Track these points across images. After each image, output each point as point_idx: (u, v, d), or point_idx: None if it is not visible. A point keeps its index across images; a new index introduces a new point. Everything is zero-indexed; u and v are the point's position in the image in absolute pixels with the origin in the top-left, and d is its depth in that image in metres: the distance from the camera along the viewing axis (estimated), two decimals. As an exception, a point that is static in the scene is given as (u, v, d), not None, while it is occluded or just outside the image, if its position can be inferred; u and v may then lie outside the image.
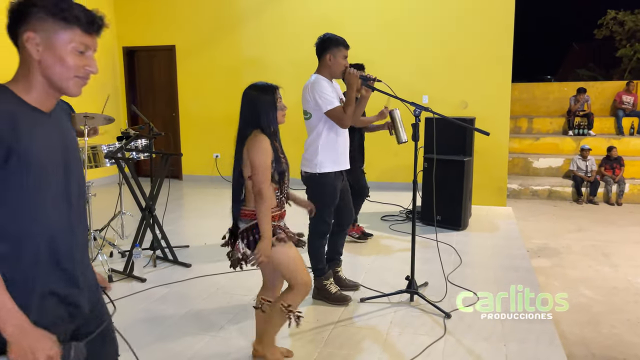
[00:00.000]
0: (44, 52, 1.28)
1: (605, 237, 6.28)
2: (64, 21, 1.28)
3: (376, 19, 7.55)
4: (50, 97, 1.34)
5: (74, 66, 1.31)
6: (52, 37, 1.28)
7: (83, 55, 1.33)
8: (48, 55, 1.28)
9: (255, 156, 2.36)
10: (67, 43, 1.29)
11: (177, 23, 8.49)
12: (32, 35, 1.27)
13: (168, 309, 3.53)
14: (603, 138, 9.92)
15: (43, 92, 1.32)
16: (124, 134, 4.93)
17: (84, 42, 1.32)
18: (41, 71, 1.30)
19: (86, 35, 1.32)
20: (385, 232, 5.45)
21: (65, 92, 1.34)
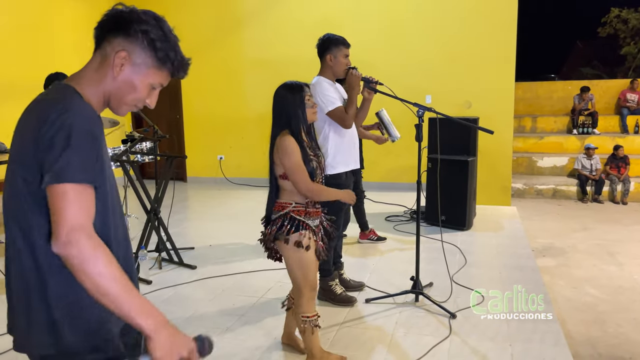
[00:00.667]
0: (125, 72, 1.28)
1: (610, 236, 6.26)
2: (160, 61, 1.29)
3: (378, 19, 7.56)
4: (102, 107, 1.34)
5: (141, 97, 1.32)
6: (141, 66, 1.28)
7: (153, 90, 1.35)
8: (126, 78, 1.28)
9: (284, 158, 2.39)
10: (149, 78, 1.30)
11: (180, 26, 8.41)
12: (125, 55, 1.26)
13: (174, 311, 3.54)
14: (607, 136, 9.89)
15: (101, 101, 1.31)
16: (128, 136, 4.95)
17: (162, 82, 1.34)
18: (112, 86, 1.29)
19: (169, 78, 1.34)
20: (389, 232, 5.45)
21: (115, 112, 1.35)
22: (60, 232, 1.11)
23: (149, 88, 1.32)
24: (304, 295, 2.53)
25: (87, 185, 1.17)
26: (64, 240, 1.11)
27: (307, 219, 2.50)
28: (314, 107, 2.54)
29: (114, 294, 1.12)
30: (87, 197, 1.16)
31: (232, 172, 8.45)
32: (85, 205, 1.16)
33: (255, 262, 4.44)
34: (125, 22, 1.27)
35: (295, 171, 2.39)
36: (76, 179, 1.14)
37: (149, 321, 1.15)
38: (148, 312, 1.16)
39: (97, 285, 1.11)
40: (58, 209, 1.13)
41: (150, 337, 1.15)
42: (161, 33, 1.28)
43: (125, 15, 1.27)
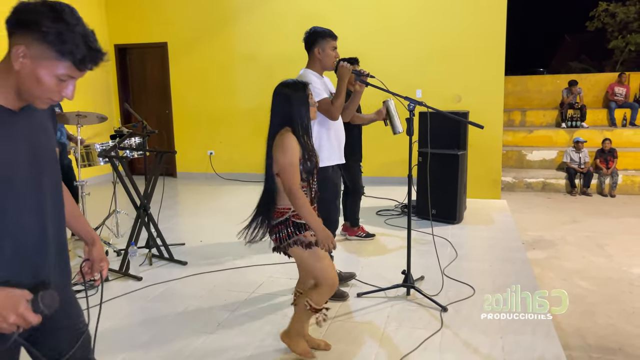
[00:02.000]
0: (26, 65, 1.26)
1: (599, 228, 6.31)
2: (58, 53, 1.26)
3: (368, 13, 7.53)
4: (20, 101, 1.33)
5: (49, 89, 1.29)
6: (40, 59, 1.26)
7: (64, 82, 1.31)
8: (29, 71, 1.26)
9: (281, 155, 2.38)
10: (52, 71, 1.27)
11: (169, 20, 8.44)
12: (22, 50, 1.25)
13: (165, 307, 3.53)
14: (596, 130, 9.97)
15: (13, 95, 1.31)
16: (117, 132, 4.91)
17: (70, 74, 1.30)
18: (17, 80, 1.28)
19: (76, 71, 1.30)
20: (380, 226, 5.46)
21: (35, 106, 1.34)
22: None
23: (55, 80, 1.29)
24: (321, 288, 2.55)
25: None
26: None
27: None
28: (314, 106, 2.55)
29: None
30: None
31: (223, 168, 8.41)
32: None
33: (246, 257, 4.43)
34: (23, 15, 1.26)
35: (287, 169, 2.38)
36: None
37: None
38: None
39: None
40: None
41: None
42: (57, 25, 1.25)
43: (24, 9, 1.26)
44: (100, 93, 8.56)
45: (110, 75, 8.88)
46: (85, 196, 4.62)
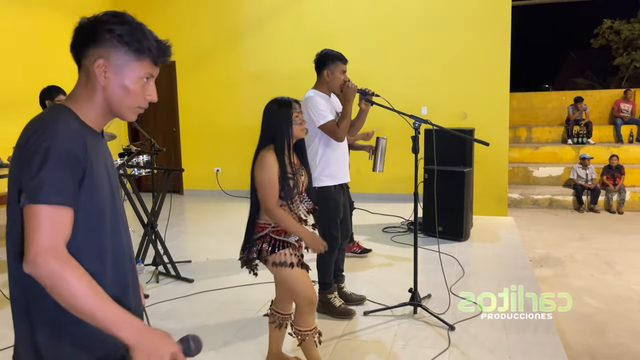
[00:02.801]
0: (111, 78, 1.27)
1: (607, 246, 6.27)
2: (137, 52, 1.28)
3: (374, 32, 7.61)
4: (106, 119, 1.34)
5: (138, 96, 1.31)
6: (122, 66, 1.27)
7: (146, 84, 1.33)
8: (114, 82, 1.27)
9: (257, 173, 2.39)
10: (136, 72, 1.29)
11: (177, 40, 8.47)
12: (102, 62, 1.26)
13: (171, 325, 3.52)
14: (602, 146, 9.95)
15: (102, 114, 1.32)
16: (125, 150, 4.95)
17: (150, 73, 1.32)
18: (104, 96, 1.29)
19: (155, 67, 1.32)
20: (387, 244, 5.45)
21: (122, 118, 1.35)
22: (29, 253, 1.12)
23: (140, 83, 1.31)
24: (301, 308, 2.52)
25: (62, 207, 1.16)
26: (32, 261, 1.11)
27: (287, 237, 2.48)
28: (302, 124, 2.50)
29: (89, 310, 1.13)
30: (60, 219, 1.16)
31: (229, 185, 8.44)
32: (57, 227, 1.15)
33: (252, 275, 4.42)
34: (90, 31, 1.27)
35: (263, 187, 2.38)
36: (50, 200, 1.14)
37: (127, 332, 1.15)
38: (124, 323, 1.16)
39: (71, 304, 1.12)
40: (29, 230, 1.13)
41: (131, 346, 1.16)
42: (126, 27, 1.27)
43: (87, 25, 1.28)
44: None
45: (119, 93, 8.97)
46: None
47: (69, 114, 1.25)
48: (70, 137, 1.20)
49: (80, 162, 1.20)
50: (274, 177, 2.37)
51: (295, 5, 7.94)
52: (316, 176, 3.36)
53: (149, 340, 1.17)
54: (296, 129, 2.47)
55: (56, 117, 1.23)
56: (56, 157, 1.15)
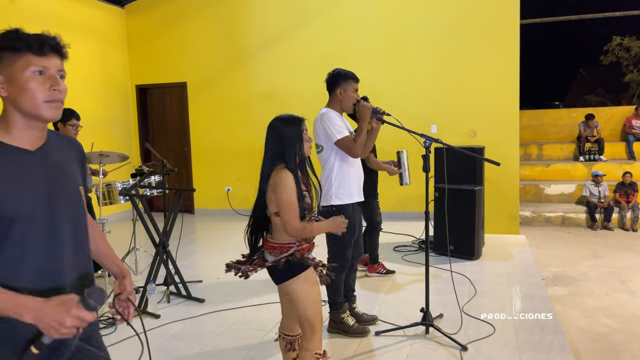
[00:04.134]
0: (8, 87, 1.33)
1: (621, 264, 6.18)
2: (16, 51, 1.32)
3: (384, 51, 7.68)
4: (34, 129, 1.38)
5: (37, 90, 1.33)
6: (11, 70, 1.32)
7: (44, 76, 1.35)
8: (12, 89, 1.33)
9: (281, 195, 2.33)
10: (23, 70, 1.32)
11: (188, 60, 8.69)
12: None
13: (182, 345, 3.52)
14: (615, 163, 9.87)
15: (24, 126, 1.37)
16: (137, 171, 5.01)
17: (40, 64, 1.34)
18: (13, 106, 1.34)
19: (41, 57, 1.34)
20: (398, 262, 5.42)
21: (42, 119, 1.37)
22: None
23: (32, 76, 1.33)
24: (317, 331, 2.46)
25: None
26: None
27: (309, 254, 2.48)
28: (309, 142, 2.50)
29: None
30: None
31: (240, 204, 8.47)
32: None
33: (263, 295, 4.42)
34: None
35: (287, 209, 2.32)
36: None
37: (25, 315, 1.24)
38: (19, 307, 1.24)
39: None
40: None
41: (37, 325, 1.24)
42: (5, 33, 1.33)
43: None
44: (121, 132, 8.77)
45: (131, 115, 9.11)
46: (106, 234, 4.69)
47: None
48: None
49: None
50: (294, 197, 2.34)
51: (305, 26, 8.05)
52: (333, 193, 3.36)
53: (47, 313, 1.24)
54: (306, 147, 2.46)
55: None
56: None
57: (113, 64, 8.65)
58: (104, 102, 8.38)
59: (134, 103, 9.11)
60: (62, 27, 7.44)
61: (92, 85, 8.09)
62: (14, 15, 6.71)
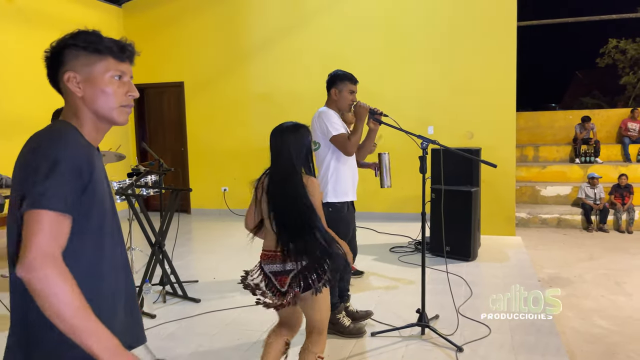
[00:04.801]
0: (85, 87, 1.32)
1: (617, 266, 6.20)
2: (97, 53, 1.33)
3: (381, 52, 7.68)
4: (100, 131, 1.39)
5: (115, 94, 1.35)
6: (90, 71, 1.32)
7: (121, 81, 1.37)
8: (90, 90, 1.33)
9: (317, 202, 2.35)
10: (104, 73, 1.34)
11: (186, 60, 8.68)
12: (71, 74, 1.31)
13: (177, 345, 3.51)
14: (610, 165, 9.90)
15: (93, 127, 1.36)
16: (134, 170, 4.99)
17: (119, 69, 1.36)
18: (87, 107, 1.34)
19: (120, 62, 1.37)
20: (394, 263, 5.42)
21: (114, 122, 1.39)
22: (27, 256, 1.13)
23: (113, 82, 1.35)
24: (324, 334, 2.47)
25: (65, 215, 1.19)
26: (29, 263, 1.12)
27: None
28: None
29: (71, 321, 1.14)
30: (61, 227, 1.19)
31: (236, 204, 8.46)
32: (58, 235, 1.18)
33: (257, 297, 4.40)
34: (54, 55, 1.33)
35: (320, 210, 2.36)
36: (53, 207, 1.17)
37: (104, 353, 1.17)
38: (101, 341, 1.18)
39: (55, 312, 1.13)
40: (30, 234, 1.15)
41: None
42: (80, 35, 1.33)
43: (51, 52, 1.33)
44: (117, 132, 8.74)
45: (128, 114, 9.07)
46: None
47: (74, 129, 1.31)
48: (78, 151, 1.25)
49: (83, 176, 1.24)
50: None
51: (304, 26, 8.05)
52: (329, 191, 3.37)
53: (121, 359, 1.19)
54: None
55: (63, 130, 1.29)
56: (63, 168, 1.19)
57: (110, 63, 8.60)
58: (100, 101, 8.34)
59: (131, 102, 9.07)
60: (59, 26, 7.39)
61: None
62: (11, 15, 6.69)
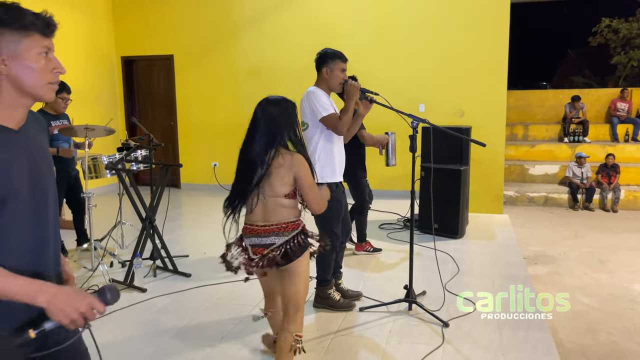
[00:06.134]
0: (11, 65, 1.29)
1: (601, 244, 6.33)
2: (22, 29, 1.29)
3: (372, 29, 7.62)
4: (20, 109, 1.35)
5: (43, 71, 1.33)
6: (15, 48, 1.29)
7: (47, 57, 1.34)
8: (16, 67, 1.30)
9: (307, 177, 2.34)
10: (30, 50, 1.30)
11: (176, 32, 8.55)
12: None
13: (169, 319, 3.56)
14: (598, 145, 10.00)
15: (11, 105, 1.33)
16: (124, 145, 4.97)
17: (45, 45, 1.33)
18: (12, 84, 1.31)
19: (45, 38, 1.33)
20: (383, 240, 5.49)
21: (40, 99, 1.37)
22: None
23: (38, 57, 1.32)
24: (301, 312, 2.47)
25: None
26: None
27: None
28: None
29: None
30: None
31: (227, 179, 8.44)
32: None
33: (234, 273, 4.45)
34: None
35: (313, 189, 2.36)
36: None
37: (39, 297, 1.23)
38: (36, 291, 1.23)
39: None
40: None
41: (46, 308, 1.23)
42: (7, 8, 1.29)
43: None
44: (106, 105, 8.64)
45: (117, 87, 8.97)
46: (91, 208, 4.67)
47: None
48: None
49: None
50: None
51: (294, 2, 7.94)
52: (318, 172, 3.38)
53: (62, 298, 1.25)
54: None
55: None
56: None
57: (98, 35, 8.48)
58: (89, 74, 8.22)
59: (120, 75, 8.96)
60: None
61: (77, 57, 7.93)
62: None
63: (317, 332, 3.33)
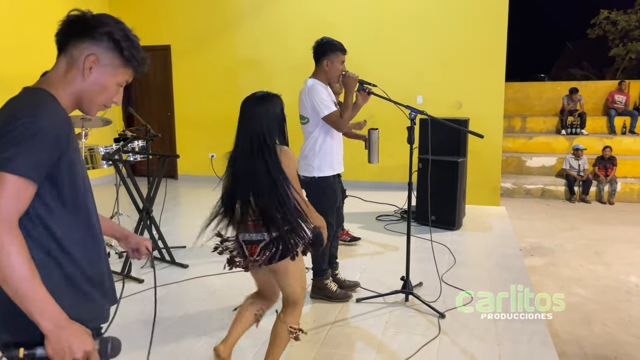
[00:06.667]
0: (94, 75, 1.34)
1: (597, 236, 6.35)
2: (126, 60, 1.36)
3: (371, 20, 7.59)
4: (72, 108, 1.39)
5: (110, 96, 1.39)
6: (108, 67, 1.35)
7: (119, 89, 1.41)
8: (95, 79, 1.34)
9: (293, 172, 2.31)
10: (116, 77, 1.37)
11: (173, 22, 8.49)
12: (94, 59, 1.32)
13: (166, 310, 3.56)
14: (595, 137, 10.02)
15: (72, 103, 1.36)
16: (121, 135, 4.95)
17: (127, 80, 1.41)
18: (81, 88, 1.34)
19: (132, 75, 1.41)
20: (380, 232, 5.50)
21: (86, 112, 1.40)
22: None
23: (117, 87, 1.39)
24: (299, 306, 2.46)
25: (31, 182, 1.18)
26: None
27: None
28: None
29: (21, 289, 1.15)
30: (25, 193, 1.18)
31: (224, 171, 8.43)
32: (21, 199, 1.17)
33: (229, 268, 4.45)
34: (89, 26, 1.32)
35: (294, 180, 2.32)
36: (21, 172, 1.16)
37: (47, 322, 1.18)
38: (48, 313, 1.19)
39: (5, 278, 1.14)
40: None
41: (46, 336, 1.20)
42: (123, 34, 1.35)
43: (88, 20, 1.33)
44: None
45: (113, 77, 8.91)
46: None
47: (52, 98, 1.29)
48: (59, 121, 1.25)
49: (60, 146, 1.24)
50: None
51: (292, -9, 7.89)
52: (316, 166, 3.39)
53: (65, 334, 1.21)
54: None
55: (41, 99, 1.27)
56: (42, 136, 1.19)
57: (94, 24, 8.40)
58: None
59: (116, 65, 8.89)
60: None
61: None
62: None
63: (314, 322, 3.34)
